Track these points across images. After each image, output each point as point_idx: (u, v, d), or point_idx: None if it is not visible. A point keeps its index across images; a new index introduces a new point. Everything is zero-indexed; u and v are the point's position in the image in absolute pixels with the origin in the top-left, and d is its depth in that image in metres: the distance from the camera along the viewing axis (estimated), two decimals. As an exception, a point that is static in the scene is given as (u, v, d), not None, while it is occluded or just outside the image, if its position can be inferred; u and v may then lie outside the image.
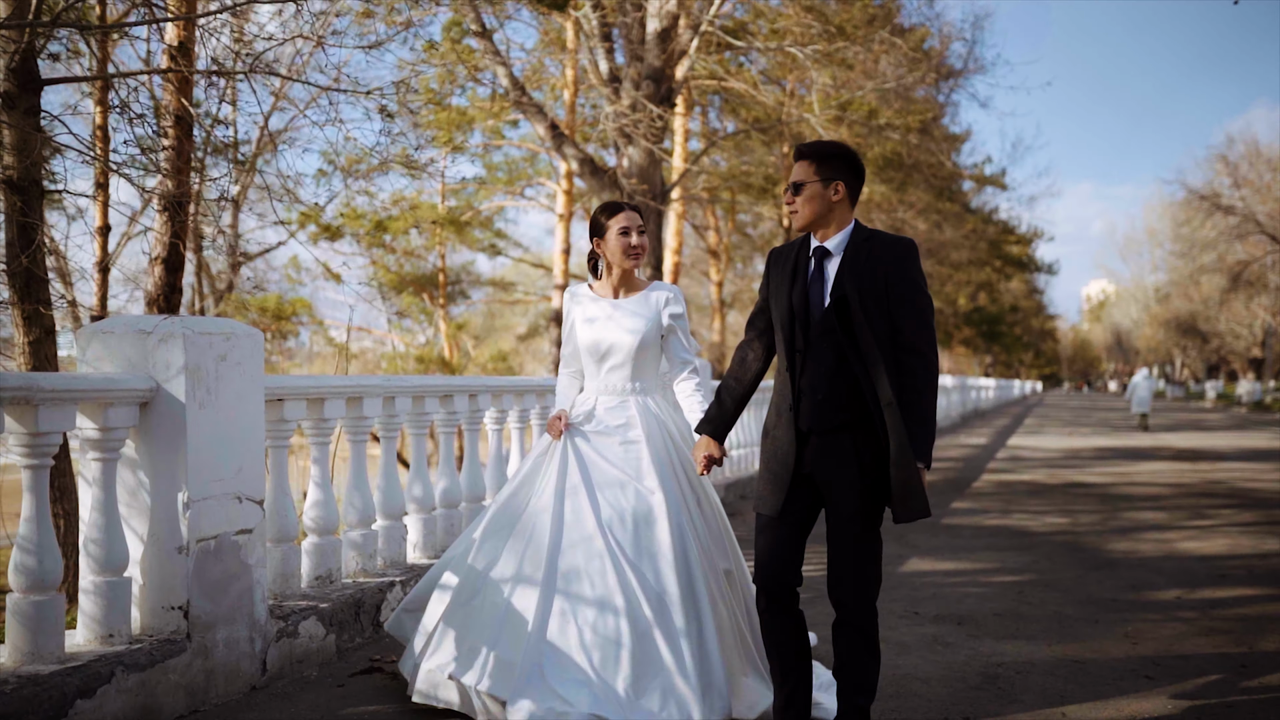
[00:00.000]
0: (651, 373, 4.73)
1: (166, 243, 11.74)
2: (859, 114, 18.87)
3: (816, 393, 3.85)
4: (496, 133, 26.19)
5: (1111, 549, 9.02)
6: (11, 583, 4.03)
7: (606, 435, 4.57)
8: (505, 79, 15.76)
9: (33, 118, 8.52)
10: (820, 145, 3.98)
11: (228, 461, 4.59)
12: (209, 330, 4.50)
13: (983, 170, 39.05)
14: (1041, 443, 24.44)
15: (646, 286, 4.78)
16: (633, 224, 4.67)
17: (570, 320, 4.80)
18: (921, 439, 3.77)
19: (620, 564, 4.23)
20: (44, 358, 8.95)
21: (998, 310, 60.25)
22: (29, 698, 3.75)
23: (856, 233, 3.93)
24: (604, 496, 4.41)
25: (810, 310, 3.90)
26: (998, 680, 5.06)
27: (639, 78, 15.71)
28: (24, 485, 4.06)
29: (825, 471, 3.86)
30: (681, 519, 4.37)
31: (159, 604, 4.46)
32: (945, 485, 14.49)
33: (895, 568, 8.07)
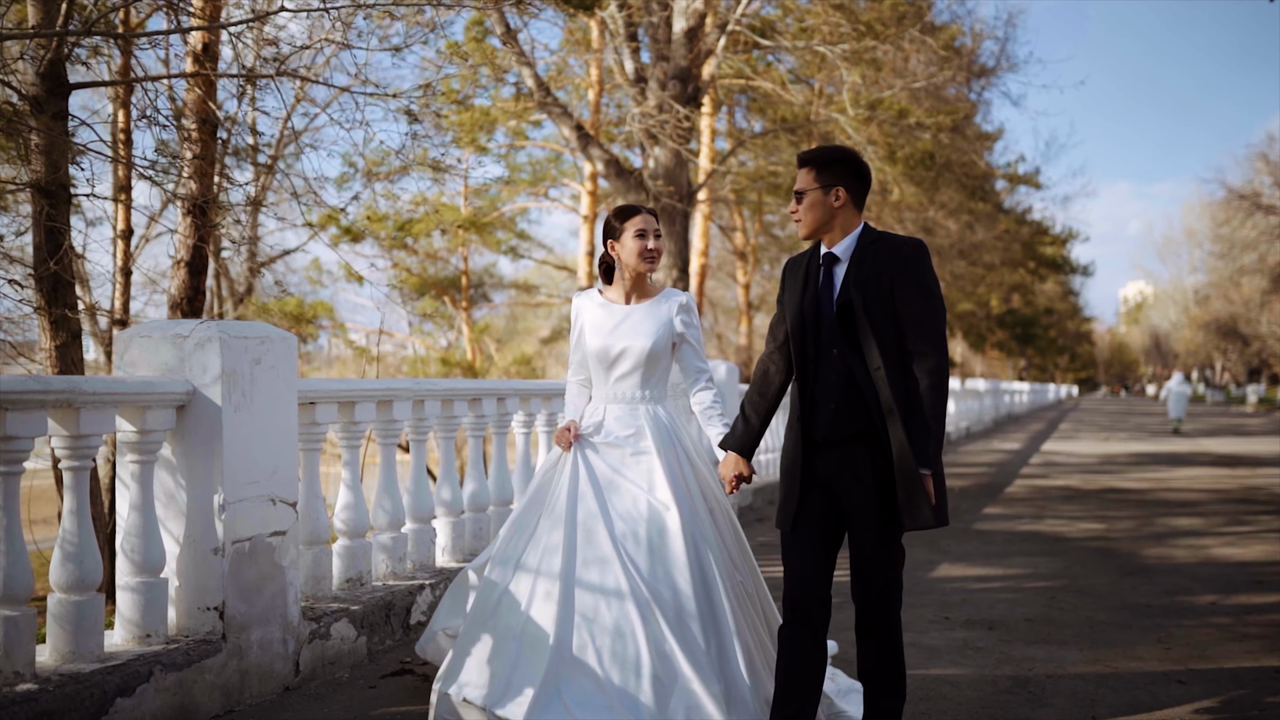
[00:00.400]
0: (662, 381, 4.68)
1: (190, 246, 11.93)
2: (889, 114, 18.92)
3: (829, 401, 3.86)
4: (519, 133, 26.36)
5: (1146, 555, 9.08)
6: (53, 582, 4.18)
7: (617, 446, 4.52)
8: (530, 79, 15.90)
9: (60, 122, 8.72)
10: (819, 151, 3.99)
11: (262, 464, 4.75)
12: (244, 334, 4.65)
13: (1016, 169, 39.00)
14: (1076, 448, 24.42)
15: (659, 292, 4.73)
16: (649, 227, 4.63)
17: (579, 326, 4.75)
18: (926, 443, 3.74)
19: (636, 582, 4.20)
20: (70, 361, 9.14)
21: (1032, 313, 60.05)
22: (71, 695, 3.90)
23: (864, 236, 3.94)
24: (617, 511, 4.37)
25: (820, 317, 3.91)
26: (1028, 684, 5.16)
27: (665, 77, 15.82)
28: (65, 486, 4.22)
29: (841, 481, 3.86)
30: (696, 532, 4.34)
31: (195, 605, 4.61)
32: (977, 490, 14.55)
33: (925, 573, 8.16)
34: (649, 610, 4.15)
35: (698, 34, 15.85)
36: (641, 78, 16.38)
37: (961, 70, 24.85)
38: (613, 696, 4.04)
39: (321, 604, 5.38)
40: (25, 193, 12.63)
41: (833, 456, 3.87)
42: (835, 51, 16.09)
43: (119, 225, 15.98)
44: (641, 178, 16.03)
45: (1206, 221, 71.64)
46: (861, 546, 3.85)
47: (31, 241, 9.06)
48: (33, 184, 8.73)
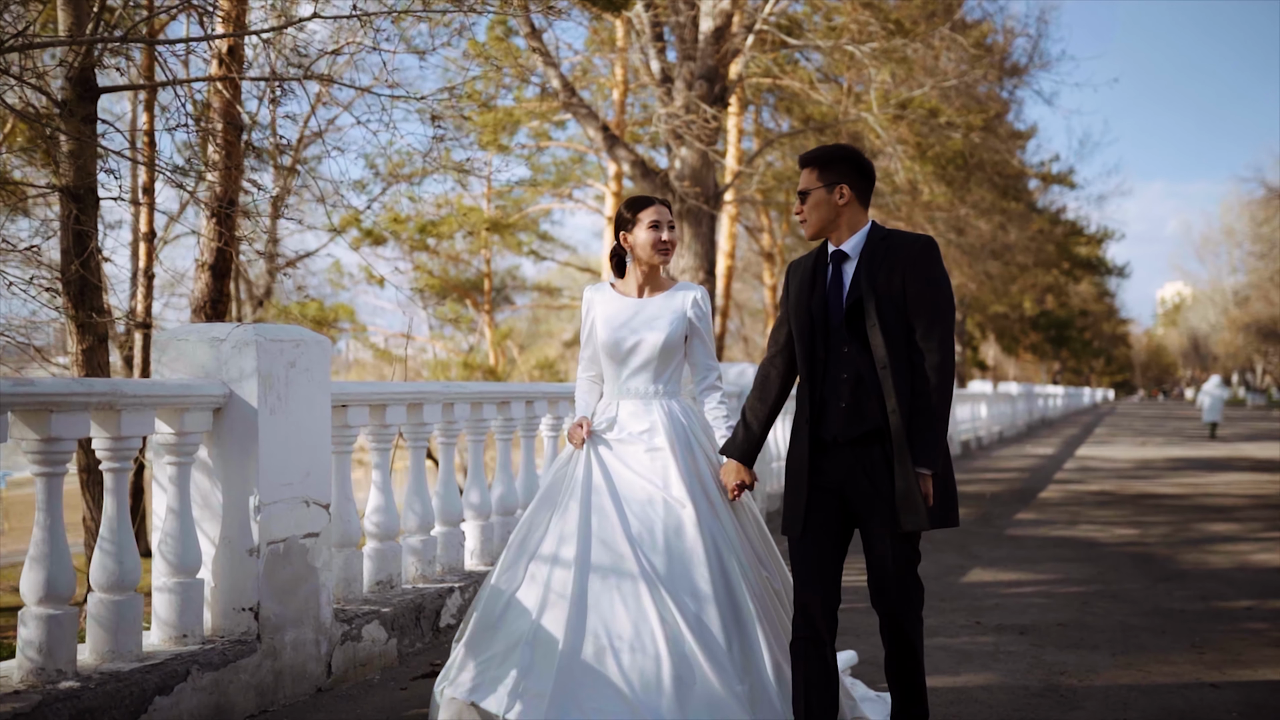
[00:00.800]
0: (677, 376, 4.65)
1: (214, 249, 12.12)
2: (919, 113, 18.99)
3: (839, 400, 3.87)
4: (543, 134, 26.53)
5: (1181, 560, 9.14)
6: (93, 582, 4.34)
7: (630, 443, 4.47)
8: (555, 80, 16.04)
9: (89, 125, 8.91)
10: (821, 150, 4.01)
11: (296, 466, 4.89)
12: (280, 338, 4.80)
13: (1049, 169, 38.95)
14: (1112, 453, 24.40)
15: (673, 285, 4.70)
16: (663, 218, 4.60)
17: (590, 320, 4.71)
18: (926, 442, 3.76)
19: (654, 582, 4.15)
20: (96, 365, 9.33)
21: (1066, 314, 59.90)
22: (112, 693, 4.05)
23: (873, 233, 3.97)
24: (632, 510, 4.33)
25: (829, 316, 3.93)
26: (1059, 688, 5.25)
27: (692, 77, 15.94)
28: (105, 488, 4.38)
29: (853, 483, 3.87)
30: (714, 530, 4.30)
31: (230, 605, 4.76)
32: (1010, 496, 14.60)
33: (957, 578, 8.25)
34: (667, 610, 4.11)
35: (724, 33, 15.96)
36: (668, 78, 16.50)
37: (993, 68, 24.87)
38: (632, 699, 4.00)
39: (353, 606, 5.52)
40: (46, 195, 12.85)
41: (844, 457, 3.88)
42: (864, 51, 16.17)
43: (142, 228, 16.19)
44: (667, 179, 16.15)
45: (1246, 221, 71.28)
46: (877, 550, 3.86)
47: (59, 246, 9.24)
48: (62, 188, 8.92)
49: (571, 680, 4.05)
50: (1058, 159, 40.28)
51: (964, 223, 30.33)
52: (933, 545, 9.91)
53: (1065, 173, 38.90)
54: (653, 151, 23.92)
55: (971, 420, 26.68)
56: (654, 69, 16.80)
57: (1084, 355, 72.85)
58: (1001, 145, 26.95)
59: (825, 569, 3.91)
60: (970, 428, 26.20)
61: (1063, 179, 38.97)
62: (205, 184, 10.95)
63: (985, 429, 27.94)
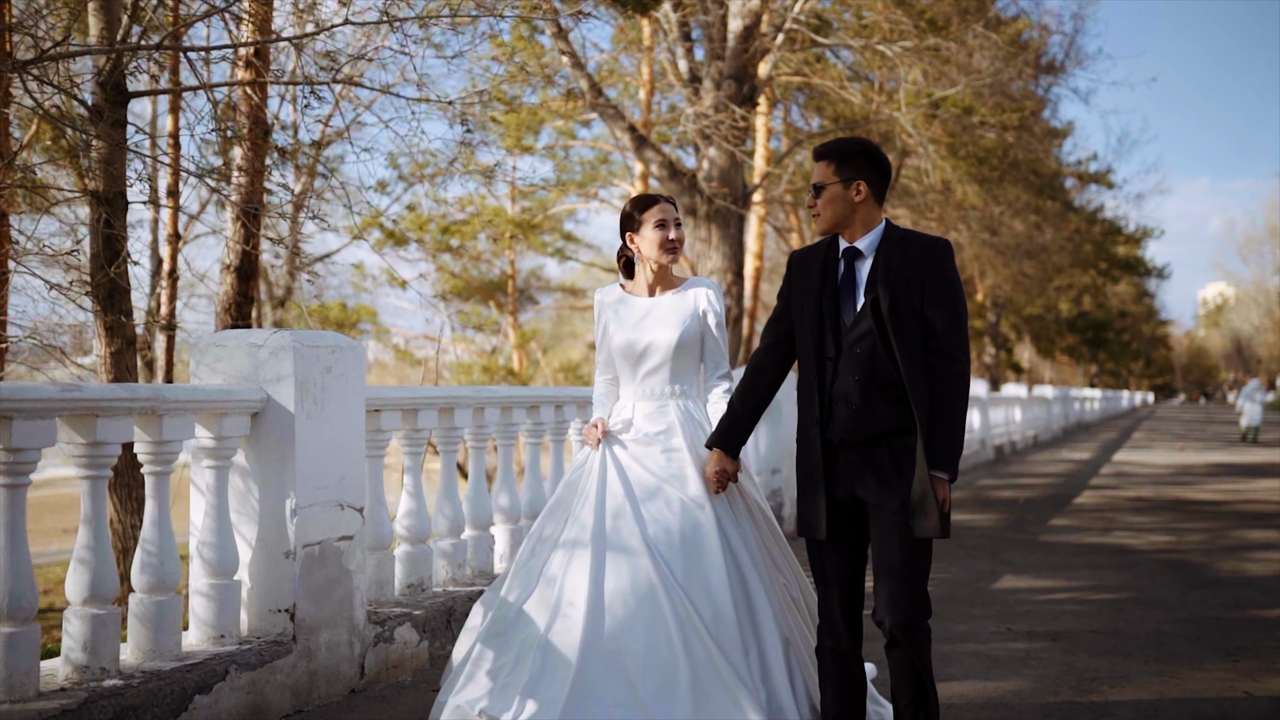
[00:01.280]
0: (693, 375, 4.66)
1: (239, 251, 12.34)
2: (952, 112, 19.07)
3: (850, 403, 3.86)
4: (568, 133, 26.72)
5: (1218, 568, 9.22)
6: (135, 583, 4.52)
7: (647, 444, 4.49)
8: (582, 80, 16.21)
9: (120, 130, 9.13)
10: (839, 144, 4.00)
11: (332, 469, 5.07)
12: (316, 343, 4.97)
13: (1086, 167, 38.93)
14: (1149, 458, 24.40)
15: (684, 282, 4.71)
16: (669, 217, 4.61)
17: (603, 323, 4.73)
18: (945, 448, 3.78)
19: (671, 585, 4.16)
20: (124, 368, 9.55)
21: (1104, 316, 59.75)
22: (154, 691, 4.23)
23: (889, 232, 3.96)
24: (649, 512, 4.34)
25: (841, 314, 3.91)
26: (1090, 693, 5.37)
27: (720, 77, 16.09)
28: (147, 491, 4.56)
29: (863, 486, 3.87)
30: (732, 533, 4.33)
31: (266, 607, 4.93)
32: (1044, 502, 14.68)
33: (988, 584, 8.37)
34: (685, 614, 4.12)
35: (753, 32, 16.10)
36: (696, 77, 16.65)
37: (1028, 65, 24.92)
38: (647, 705, 4.01)
39: (385, 608, 5.69)
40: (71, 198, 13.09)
41: (854, 460, 3.89)
42: (895, 50, 16.27)
43: (168, 229, 16.46)
44: (695, 180, 16.31)
45: (1290, 219, 70.78)
46: (884, 556, 3.84)
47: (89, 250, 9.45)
48: (93, 192, 9.14)
49: (585, 685, 4.06)
50: (1095, 158, 40.28)
51: (998, 222, 30.35)
52: (964, 551, 10.02)
53: (1103, 172, 38.91)
54: (679, 151, 24.07)
55: (1005, 424, 26.71)
56: (682, 69, 16.96)
57: (1122, 358, 72.56)
58: (1037, 144, 26.96)
59: (846, 576, 3.95)
60: (1004, 432, 26.24)
61: (1100, 178, 38.97)
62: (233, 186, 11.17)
63: (1019, 433, 27.96)
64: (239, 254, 12.34)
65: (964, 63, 20.33)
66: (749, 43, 16.08)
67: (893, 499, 3.82)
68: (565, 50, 15.76)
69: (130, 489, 9.24)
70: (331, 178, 16.55)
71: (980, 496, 15.52)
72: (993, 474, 19.78)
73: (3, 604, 3.89)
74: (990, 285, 39.32)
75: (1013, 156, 24.97)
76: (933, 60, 18.22)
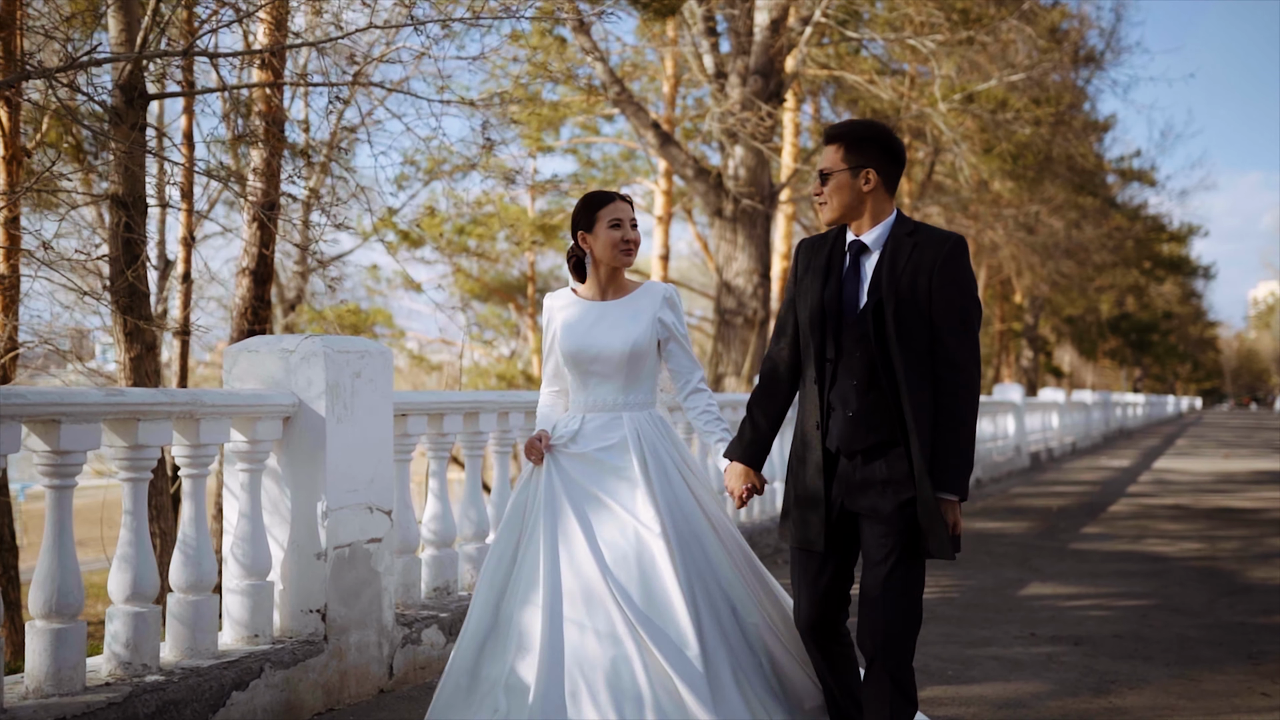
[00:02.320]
0: (647, 386, 4.51)
1: (255, 254, 12.73)
2: (986, 107, 19.33)
3: (847, 408, 3.78)
4: (591, 128, 27.07)
5: (1250, 575, 9.49)
6: (172, 583, 4.88)
7: (597, 460, 4.36)
8: (604, 75, 16.51)
9: (140, 133, 9.51)
10: (849, 127, 3.89)
11: (361, 473, 5.42)
12: (346, 349, 5.32)
13: (1129, 164, 39.06)
14: (1191, 465, 24.60)
15: (638, 287, 4.60)
16: (626, 216, 4.50)
17: (551, 330, 4.61)
18: (952, 466, 3.68)
19: (629, 616, 4.06)
20: (144, 373, 9.94)
21: (1149, 317, 59.74)
22: (194, 687, 4.59)
23: (899, 225, 3.85)
24: (602, 536, 4.23)
25: (844, 313, 3.81)
26: (1109, 694, 5.68)
27: (746, 72, 16.39)
28: (184, 493, 4.92)
29: (856, 498, 3.79)
30: (689, 558, 4.22)
31: (298, 607, 5.28)
32: (1078, 509, 14.95)
33: (1014, 591, 8.67)
34: (644, 645, 4.03)
35: (780, 26, 16.39)
36: (721, 73, 16.95)
37: (1066, 56, 25.15)
38: None
39: (412, 610, 6.04)
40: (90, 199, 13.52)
41: (848, 469, 3.81)
42: (927, 46, 16.55)
43: (181, 232, 16.87)
44: (721, 179, 16.62)
45: (1345, 216, 70.56)
46: (874, 574, 3.77)
47: (108, 254, 9.84)
48: (112, 196, 9.52)
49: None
50: (1139, 154, 40.37)
51: (1035, 220, 30.55)
52: (991, 559, 10.32)
53: (1146, 170, 39.00)
54: (704, 147, 24.39)
55: (1042, 430, 26.93)
56: (707, 64, 17.26)
57: (1168, 361, 72.51)
58: (1075, 139, 27.15)
59: (836, 586, 3.92)
60: (1040, 438, 26.45)
61: (1143, 176, 39.07)
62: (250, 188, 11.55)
63: (1057, 440, 28.16)
64: (255, 256, 12.71)
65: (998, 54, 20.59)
66: (776, 37, 16.36)
67: (884, 514, 3.74)
68: (588, 47, 16.09)
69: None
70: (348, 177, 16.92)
71: (1012, 504, 15.79)
72: (1027, 481, 20.03)
73: (51, 601, 4.24)
74: (1027, 285, 39.51)
75: (1049, 151, 25.19)
76: (966, 54, 18.49)
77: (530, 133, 23.07)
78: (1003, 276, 39.41)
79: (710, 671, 4.05)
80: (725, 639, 4.17)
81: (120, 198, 9.49)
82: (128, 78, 9.20)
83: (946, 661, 6.34)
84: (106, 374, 15.49)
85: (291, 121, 16.10)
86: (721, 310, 16.84)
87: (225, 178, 10.75)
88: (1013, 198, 28.65)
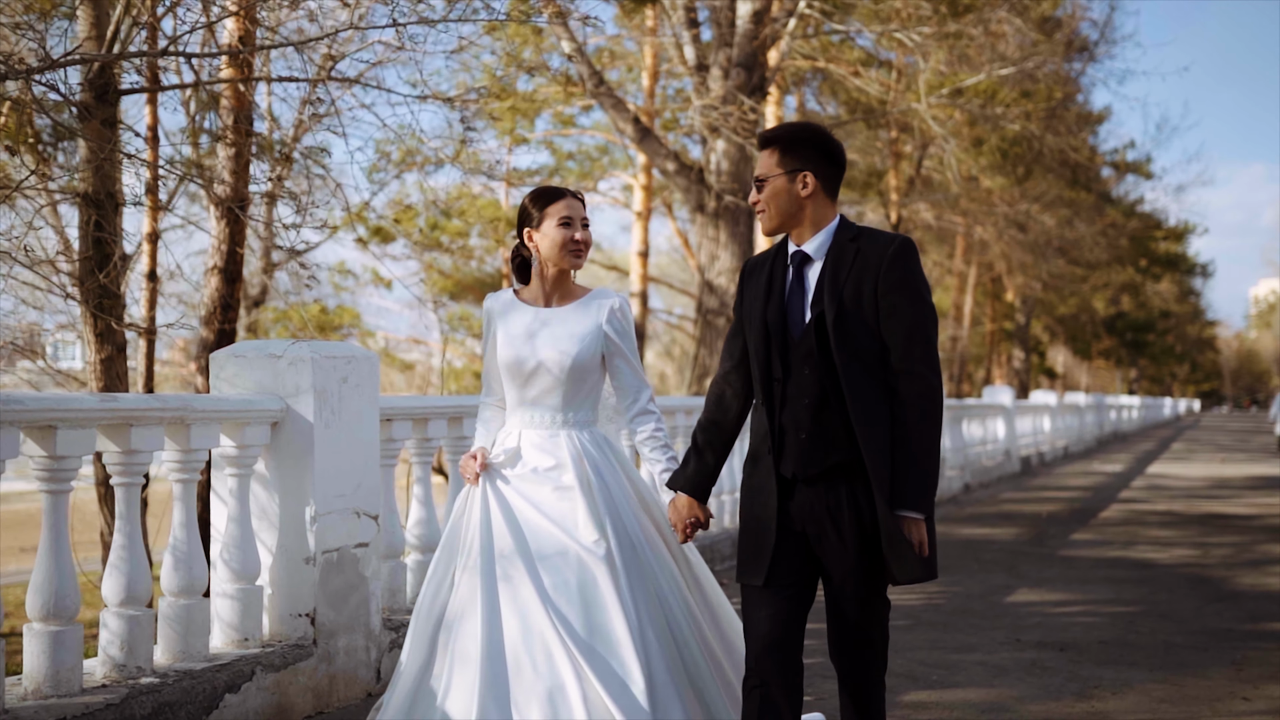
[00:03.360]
0: (591, 402, 4.43)
1: (224, 251, 12.96)
2: (976, 101, 19.66)
3: (800, 430, 3.71)
4: (568, 120, 27.31)
5: (1239, 582, 9.85)
6: (164, 587, 5.15)
7: (535, 481, 4.29)
8: (583, 67, 16.74)
9: (111, 129, 9.73)
10: (784, 130, 3.84)
11: (349, 478, 5.69)
12: (333, 354, 5.60)
13: (1124, 156, 39.58)
14: (1186, 470, 25.05)
15: (587, 293, 4.49)
16: (577, 215, 4.38)
17: (490, 334, 4.51)
18: (914, 481, 3.62)
19: (569, 646, 4.00)
20: (115, 376, 10.18)
21: (1145, 316, 60.33)
22: (188, 689, 4.86)
23: (841, 231, 3.79)
24: (542, 562, 4.17)
25: (789, 329, 3.76)
26: (1092, 698, 6.00)
27: (729, 65, 16.68)
28: (175, 498, 5.19)
29: (816, 525, 3.72)
30: (637, 584, 4.16)
31: (287, 611, 5.56)
32: (1068, 515, 15.31)
33: (1001, 598, 8.99)
34: (585, 677, 3.98)
35: (764, 17, 16.67)
36: (703, 65, 17.21)
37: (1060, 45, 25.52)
38: None
39: (398, 615, 6.32)
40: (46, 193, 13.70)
41: (805, 496, 3.73)
42: (914, 38, 16.87)
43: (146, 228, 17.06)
44: (703, 174, 16.89)
45: (1348, 211, 71.34)
46: (839, 602, 3.75)
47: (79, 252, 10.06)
48: (82, 194, 9.74)
49: None
50: (1133, 145, 40.88)
51: (1027, 217, 30.97)
52: (979, 565, 10.65)
53: (1141, 161, 39.51)
54: (685, 140, 24.68)
55: (1033, 434, 27.34)
56: (688, 55, 17.51)
57: (1165, 361, 73.17)
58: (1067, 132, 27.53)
59: (787, 633, 3.78)
60: (1032, 442, 26.86)
61: (1138, 168, 39.58)
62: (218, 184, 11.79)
63: (1048, 443, 28.59)
64: (224, 254, 12.95)
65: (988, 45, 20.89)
66: (759, 28, 16.64)
67: (846, 540, 3.70)
68: (571, 50, 16.32)
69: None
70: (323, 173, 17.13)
71: (1001, 510, 16.15)
72: (1017, 486, 20.41)
73: (49, 604, 4.51)
74: (1019, 284, 39.96)
75: (1040, 147, 25.55)
76: (954, 46, 18.80)
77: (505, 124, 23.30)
78: (994, 274, 39.88)
79: (657, 708, 4.01)
80: (674, 672, 4.13)
81: (91, 195, 9.71)
82: (99, 73, 9.42)
83: (931, 667, 6.65)
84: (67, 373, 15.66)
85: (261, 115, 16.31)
86: (704, 310, 17.11)
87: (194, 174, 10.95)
88: (1004, 193, 29.04)
